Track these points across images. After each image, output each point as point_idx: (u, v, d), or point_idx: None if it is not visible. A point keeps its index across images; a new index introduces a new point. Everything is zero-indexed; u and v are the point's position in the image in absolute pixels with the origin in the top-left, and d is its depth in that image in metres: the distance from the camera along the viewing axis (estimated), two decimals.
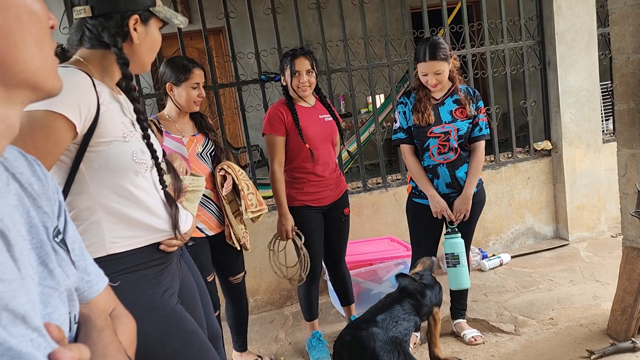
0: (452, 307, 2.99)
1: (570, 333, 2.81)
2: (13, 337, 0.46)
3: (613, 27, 2.51)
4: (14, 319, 0.48)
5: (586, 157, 4.15)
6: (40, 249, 0.62)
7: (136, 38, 1.30)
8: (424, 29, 3.85)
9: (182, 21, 1.40)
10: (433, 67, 2.57)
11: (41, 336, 0.51)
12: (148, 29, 1.32)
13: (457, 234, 2.67)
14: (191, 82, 2.42)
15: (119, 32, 1.28)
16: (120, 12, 1.27)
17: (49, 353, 0.52)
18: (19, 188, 0.65)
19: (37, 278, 0.59)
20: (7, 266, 0.51)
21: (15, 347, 0.46)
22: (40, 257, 0.61)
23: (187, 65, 2.45)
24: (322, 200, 2.79)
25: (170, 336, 1.34)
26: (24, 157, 0.71)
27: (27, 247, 0.59)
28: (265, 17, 3.63)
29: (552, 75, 4.07)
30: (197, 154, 2.46)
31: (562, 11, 3.91)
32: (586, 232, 4.21)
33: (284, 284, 3.67)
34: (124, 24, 1.28)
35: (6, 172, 0.64)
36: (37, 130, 1.13)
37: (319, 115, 2.79)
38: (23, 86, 0.59)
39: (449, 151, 2.66)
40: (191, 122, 2.55)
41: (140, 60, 1.35)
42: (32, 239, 0.61)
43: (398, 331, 1.98)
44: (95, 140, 1.24)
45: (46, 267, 0.62)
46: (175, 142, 2.43)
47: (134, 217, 1.32)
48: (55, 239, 0.67)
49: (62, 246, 0.68)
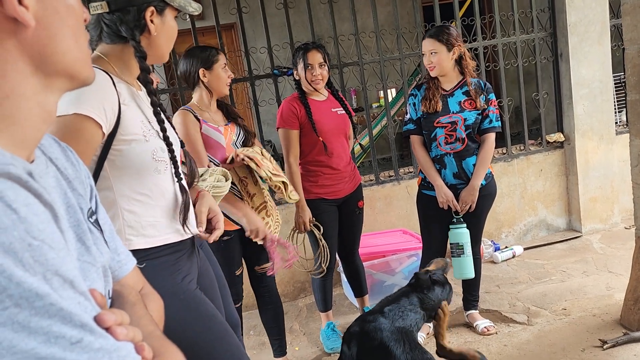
0: (464, 298, 3.02)
1: (583, 323, 2.82)
2: (63, 299, 0.50)
3: (625, 17, 2.51)
4: (64, 283, 0.52)
5: (599, 149, 4.14)
6: (77, 227, 0.66)
7: (154, 29, 1.32)
8: (436, 22, 3.86)
9: (196, 8, 1.41)
10: (429, 46, 2.64)
11: (87, 300, 0.56)
12: (164, 19, 1.34)
13: (463, 224, 2.71)
14: (221, 62, 2.43)
15: (137, 25, 1.29)
16: (136, 5, 1.28)
17: (95, 315, 0.56)
18: (56, 171, 0.69)
19: (75, 254, 0.63)
20: (57, 236, 0.55)
21: (66, 307, 0.50)
22: (78, 235, 0.66)
23: (212, 50, 2.47)
24: (337, 193, 2.83)
25: (190, 320, 1.37)
26: (58, 144, 0.76)
27: (67, 225, 0.63)
28: (276, 12, 3.66)
29: (564, 67, 4.06)
30: (233, 142, 2.43)
31: (574, 2, 3.90)
32: (599, 224, 4.20)
33: (298, 276, 3.72)
34: (140, 16, 1.29)
35: (44, 156, 0.69)
36: (68, 135, 1.16)
37: (331, 109, 2.82)
38: (61, 75, 0.63)
39: (456, 141, 2.69)
40: (220, 112, 2.53)
41: (159, 51, 1.37)
42: (70, 218, 0.66)
43: (405, 322, 2.00)
44: (118, 138, 1.26)
45: (84, 244, 0.66)
46: (214, 130, 2.39)
47: (149, 220, 1.34)
48: (90, 219, 0.71)
49: (96, 226, 0.73)
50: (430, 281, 2.18)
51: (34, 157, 0.64)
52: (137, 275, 0.87)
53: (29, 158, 0.62)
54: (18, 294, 0.47)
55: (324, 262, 2.79)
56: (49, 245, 0.52)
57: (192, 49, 2.51)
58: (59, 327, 0.49)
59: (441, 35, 2.63)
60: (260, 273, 2.65)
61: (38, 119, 0.61)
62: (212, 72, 2.43)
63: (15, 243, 0.48)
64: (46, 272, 0.50)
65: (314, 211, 2.78)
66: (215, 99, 2.48)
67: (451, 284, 2.34)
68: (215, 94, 2.47)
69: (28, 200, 0.53)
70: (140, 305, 0.77)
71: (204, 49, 2.48)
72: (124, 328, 0.59)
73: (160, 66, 4.63)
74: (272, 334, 2.76)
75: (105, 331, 0.56)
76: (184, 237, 1.43)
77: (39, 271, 0.50)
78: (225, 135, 2.42)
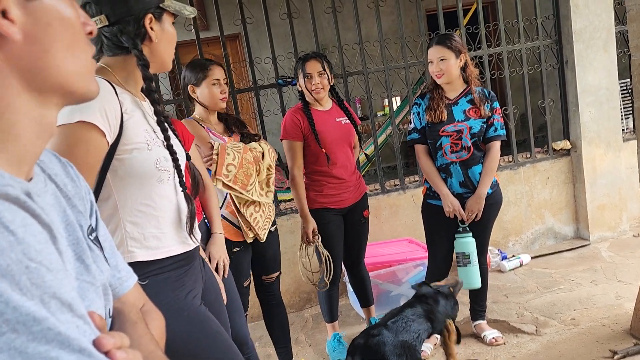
0: (472, 308, 2.98)
1: (593, 333, 2.78)
2: (61, 323, 0.49)
3: (631, 24, 2.49)
4: (62, 306, 0.51)
5: (606, 156, 4.11)
6: (76, 246, 0.65)
7: (154, 36, 1.32)
8: (440, 30, 3.86)
9: (191, 11, 1.41)
10: (437, 53, 2.62)
11: (86, 324, 0.54)
12: (163, 25, 1.35)
13: (469, 233, 2.69)
14: (210, 79, 2.42)
15: (137, 34, 1.30)
16: (134, 14, 1.29)
17: (93, 339, 0.55)
18: (55, 188, 0.68)
19: (74, 273, 0.62)
20: (55, 257, 0.54)
21: (64, 332, 0.49)
22: (77, 254, 0.65)
23: (205, 64, 2.47)
24: (342, 202, 2.82)
25: (194, 337, 1.36)
26: (58, 160, 0.75)
27: (65, 243, 0.62)
28: (280, 22, 3.67)
29: (570, 74, 4.04)
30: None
31: (579, 9, 3.89)
32: (607, 232, 4.16)
33: (304, 287, 3.70)
34: (140, 25, 1.30)
35: (43, 173, 0.67)
36: (75, 146, 1.15)
37: (335, 119, 2.82)
38: (56, 91, 0.62)
39: (462, 150, 2.67)
40: (221, 124, 2.53)
41: (162, 58, 1.37)
42: (68, 236, 0.65)
43: (408, 335, 1.99)
44: (121, 148, 1.26)
45: (83, 263, 0.65)
46: (220, 140, 2.41)
47: (152, 231, 1.33)
48: (90, 237, 0.70)
49: (96, 243, 0.72)
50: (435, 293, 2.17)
51: (33, 174, 0.63)
52: (138, 291, 0.86)
53: (27, 175, 0.61)
54: (15, 318, 0.46)
55: (327, 275, 2.78)
56: (46, 267, 0.51)
57: (188, 64, 2.54)
58: (57, 352, 0.48)
59: (449, 42, 2.63)
60: (267, 282, 2.64)
61: (34, 135, 0.60)
62: (200, 88, 2.45)
63: (12, 265, 0.47)
64: (44, 295, 0.49)
65: (319, 221, 2.76)
66: (213, 112, 2.49)
67: (457, 300, 2.32)
68: (210, 109, 2.48)
69: (26, 221, 0.52)
70: (141, 324, 0.76)
71: (195, 65, 2.48)
72: (123, 352, 0.58)
73: (165, 77, 4.64)
74: (278, 344, 2.75)
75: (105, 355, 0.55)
76: (188, 249, 1.41)
77: (37, 294, 0.49)
78: None
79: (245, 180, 2.35)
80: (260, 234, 2.45)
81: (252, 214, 2.41)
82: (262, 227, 2.47)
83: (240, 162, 2.34)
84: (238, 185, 2.33)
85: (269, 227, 2.51)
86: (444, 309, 2.19)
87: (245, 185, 2.35)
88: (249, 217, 2.40)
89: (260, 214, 2.45)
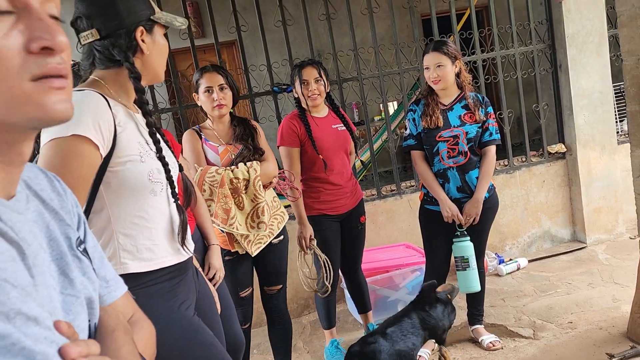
0: (469, 312, 2.99)
1: (590, 336, 2.79)
2: (28, 337, 0.51)
3: (622, 29, 2.51)
4: (27, 320, 0.53)
5: (601, 159, 4.12)
6: (60, 260, 0.66)
7: (146, 49, 1.33)
8: (434, 35, 3.88)
9: (182, 22, 1.42)
10: (434, 59, 2.64)
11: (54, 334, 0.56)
12: (154, 37, 1.35)
13: (466, 237, 2.69)
14: (202, 87, 2.44)
15: (129, 47, 1.31)
16: (126, 27, 1.30)
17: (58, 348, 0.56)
18: (40, 204, 0.69)
19: (58, 287, 0.63)
20: (20, 274, 0.56)
21: (29, 346, 0.51)
22: (61, 268, 0.66)
23: (200, 71, 2.48)
24: (339, 208, 2.82)
25: (188, 348, 1.36)
26: (44, 174, 0.76)
27: (48, 258, 0.63)
28: (276, 28, 3.69)
29: (563, 78, 4.07)
30: (232, 162, 2.40)
31: (572, 14, 3.91)
32: (604, 235, 4.18)
33: (301, 294, 3.70)
34: (131, 37, 1.30)
35: (26, 191, 0.68)
36: (70, 159, 1.16)
37: (332, 125, 2.83)
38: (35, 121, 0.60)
39: (459, 155, 2.68)
40: (231, 130, 2.50)
41: (154, 70, 1.38)
42: (52, 251, 0.66)
43: (405, 345, 2.00)
44: (114, 161, 1.26)
45: (67, 277, 0.66)
46: (211, 150, 2.42)
47: (146, 243, 1.33)
48: (79, 249, 0.71)
49: (85, 255, 0.73)
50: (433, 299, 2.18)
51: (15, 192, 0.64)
52: (127, 301, 0.87)
53: (8, 194, 0.63)
54: None
55: (327, 278, 2.77)
56: (11, 284, 0.53)
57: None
58: None
59: (446, 48, 2.65)
60: (269, 294, 2.61)
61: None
62: (199, 95, 2.48)
63: None
64: (9, 311, 0.51)
65: (316, 227, 2.77)
66: (216, 119, 2.48)
67: (455, 307, 2.33)
68: (209, 116, 2.50)
69: None
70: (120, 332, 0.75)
71: (196, 72, 2.51)
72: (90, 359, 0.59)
73: (161, 85, 4.65)
74: (277, 354, 2.73)
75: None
76: (181, 260, 1.42)
77: (2, 310, 0.50)
78: (222, 156, 2.42)
79: (225, 214, 2.30)
80: (250, 249, 2.38)
81: (251, 223, 2.37)
82: (255, 241, 2.39)
83: (217, 197, 2.29)
84: (219, 219, 2.29)
85: (267, 241, 2.43)
86: (442, 316, 2.19)
87: (226, 219, 2.30)
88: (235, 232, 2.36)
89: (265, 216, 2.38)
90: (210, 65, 2.52)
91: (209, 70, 2.45)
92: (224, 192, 2.28)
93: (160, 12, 1.37)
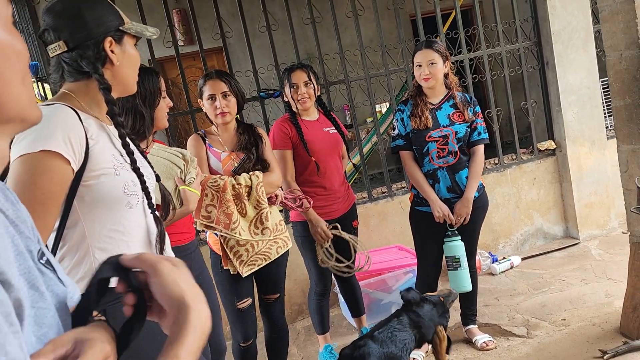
0: (462, 313, 2.98)
1: (583, 333, 2.78)
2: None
3: (604, 24, 2.51)
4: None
5: (591, 155, 4.13)
6: (29, 274, 0.65)
7: (115, 59, 1.31)
8: (420, 36, 3.88)
9: (153, 32, 1.41)
10: (427, 56, 2.64)
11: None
12: (123, 47, 1.33)
13: (457, 236, 2.69)
14: (205, 94, 2.42)
15: (97, 58, 1.28)
16: (93, 38, 1.28)
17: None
18: (4, 218, 0.68)
19: (30, 302, 0.62)
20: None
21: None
22: (30, 282, 0.64)
23: (203, 78, 2.47)
24: (332, 213, 2.80)
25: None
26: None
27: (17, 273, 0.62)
28: (264, 33, 3.68)
29: (551, 74, 4.07)
30: (233, 170, 2.38)
31: (557, 11, 3.92)
32: (597, 230, 4.18)
33: (295, 299, 3.68)
34: (100, 48, 1.29)
35: None
36: (38, 175, 1.14)
37: (323, 128, 2.82)
38: (14, 120, 0.62)
39: (449, 155, 2.68)
40: (236, 137, 2.47)
41: (124, 81, 1.36)
42: (19, 266, 0.64)
43: (394, 345, 1.98)
44: (87, 174, 1.24)
45: (37, 290, 0.65)
46: (214, 156, 2.41)
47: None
48: (41, 261, 0.70)
49: (48, 266, 0.71)
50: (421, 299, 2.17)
51: None
52: None
53: None
54: None
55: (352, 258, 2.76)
56: None
57: None
58: None
59: (438, 46, 2.67)
60: (267, 302, 2.58)
61: None
62: (202, 102, 2.48)
63: None
64: None
65: (309, 232, 2.75)
66: (221, 126, 2.46)
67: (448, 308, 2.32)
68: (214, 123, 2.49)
69: None
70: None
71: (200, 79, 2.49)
72: None
73: None
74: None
75: None
76: None
77: None
78: (224, 163, 2.40)
79: (227, 219, 2.26)
80: (241, 269, 2.32)
81: (233, 246, 2.32)
82: (248, 262, 2.33)
83: (220, 202, 2.26)
84: (221, 225, 2.25)
85: (261, 264, 2.38)
86: (430, 315, 2.18)
87: (228, 224, 2.25)
88: (228, 250, 2.32)
89: (246, 248, 2.33)
90: (214, 71, 2.48)
91: (212, 77, 2.43)
92: (226, 196, 2.26)
93: (130, 23, 1.35)
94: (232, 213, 2.26)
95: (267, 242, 2.38)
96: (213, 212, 2.26)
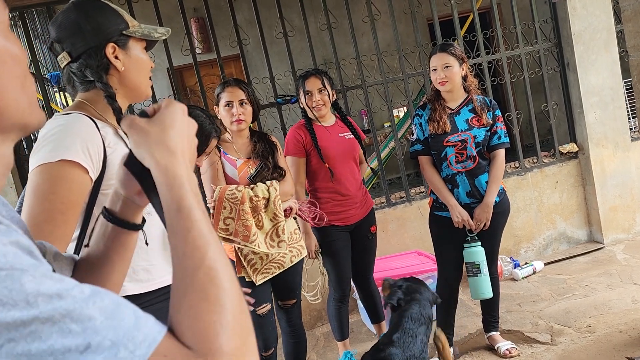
0: (484, 319, 2.93)
1: (609, 340, 2.71)
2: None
3: (626, 24, 2.46)
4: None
5: (615, 157, 4.04)
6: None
7: (120, 65, 1.30)
8: (437, 40, 3.85)
9: (163, 33, 1.38)
10: (442, 59, 2.62)
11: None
12: (129, 52, 1.32)
13: (477, 242, 2.65)
14: (223, 100, 2.44)
15: (100, 66, 1.28)
16: (94, 46, 1.27)
17: None
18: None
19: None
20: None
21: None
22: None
23: (221, 85, 2.48)
24: (349, 219, 2.79)
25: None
26: None
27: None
28: (282, 40, 3.69)
29: (572, 76, 4.00)
30: (250, 177, 2.38)
31: (577, 11, 3.86)
32: (622, 234, 4.08)
33: (314, 305, 3.66)
34: (102, 56, 1.27)
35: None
36: (57, 185, 1.14)
37: (339, 134, 2.81)
38: (16, 125, 0.62)
39: (467, 159, 2.64)
40: (251, 145, 2.48)
41: (135, 86, 1.34)
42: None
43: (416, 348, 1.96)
44: (106, 183, 1.24)
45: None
46: (229, 164, 2.41)
47: (142, 264, 1.32)
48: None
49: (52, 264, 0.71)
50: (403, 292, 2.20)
51: None
52: None
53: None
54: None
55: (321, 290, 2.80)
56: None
57: None
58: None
59: (453, 49, 2.65)
60: (283, 307, 2.57)
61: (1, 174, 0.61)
62: (219, 108, 2.48)
63: None
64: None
65: (325, 238, 2.74)
66: (235, 133, 2.47)
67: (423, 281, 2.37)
68: (229, 130, 2.49)
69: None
70: None
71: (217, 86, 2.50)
72: None
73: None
74: None
75: None
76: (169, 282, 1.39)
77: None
78: (240, 170, 2.41)
79: (246, 231, 2.25)
80: (255, 278, 2.33)
81: (247, 254, 2.33)
82: (262, 270, 2.35)
83: (238, 215, 2.25)
84: (240, 237, 2.25)
85: (275, 272, 2.39)
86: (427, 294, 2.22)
87: (247, 236, 2.25)
88: (243, 258, 2.33)
89: (260, 256, 2.34)
90: (233, 79, 2.51)
91: (230, 84, 2.45)
92: (245, 209, 2.26)
93: (136, 26, 1.33)
94: (250, 225, 2.26)
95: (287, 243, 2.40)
96: (231, 224, 2.25)
